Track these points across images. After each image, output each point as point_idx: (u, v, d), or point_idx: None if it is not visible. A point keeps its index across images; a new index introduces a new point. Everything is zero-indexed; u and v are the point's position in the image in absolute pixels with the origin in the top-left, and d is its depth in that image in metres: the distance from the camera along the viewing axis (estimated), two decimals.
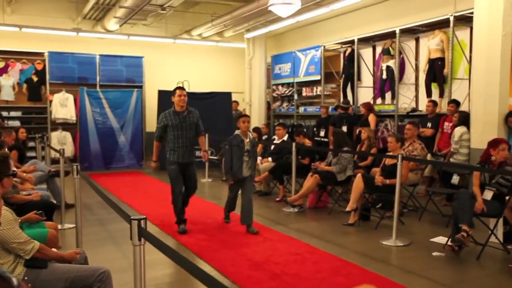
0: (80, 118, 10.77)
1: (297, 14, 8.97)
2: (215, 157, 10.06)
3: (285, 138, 7.81)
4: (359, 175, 5.84)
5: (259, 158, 8.01)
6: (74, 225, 4.66)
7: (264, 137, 9.40)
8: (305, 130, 10.04)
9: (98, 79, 11.51)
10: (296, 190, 6.66)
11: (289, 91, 11.98)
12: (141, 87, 11.73)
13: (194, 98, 10.90)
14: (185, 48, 12.83)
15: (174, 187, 5.32)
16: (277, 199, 7.25)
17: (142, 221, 2.09)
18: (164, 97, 10.89)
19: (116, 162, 11.01)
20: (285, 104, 12.29)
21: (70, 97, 10.94)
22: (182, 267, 1.89)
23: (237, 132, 5.46)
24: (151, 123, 11.39)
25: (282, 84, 12.26)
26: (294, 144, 6.79)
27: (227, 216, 5.88)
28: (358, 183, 5.68)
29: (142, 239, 2.08)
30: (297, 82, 11.56)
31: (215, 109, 11.01)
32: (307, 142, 7.53)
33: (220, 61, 13.50)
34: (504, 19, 6.07)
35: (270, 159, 7.76)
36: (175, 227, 5.39)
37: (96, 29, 11.62)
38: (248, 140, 5.40)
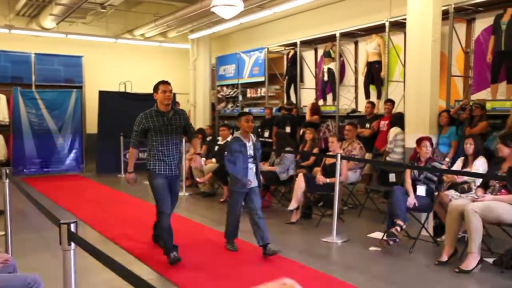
0: (13, 119, 10.20)
1: (241, 16, 9.03)
2: None
3: (229, 139, 7.80)
4: (300, 174, 5.97)
5: (202, 160, 7.97)
6: (3, 233, 4.41)
7: (209, 138, 9.37)
8: None
9: (33, 79, 10.99)
10: None
11: (234, 92, 12.02)
12: (80, 87, 11.32)
13: (137, 99, 10.71)
14: (127, 48, 12.53)
15: (163, 206, 4.19)
16: (221, 200, 7.24)
17: (72, 225, 2.02)
18: (105, 98, 10.62)
19: (54, 166, 10.56)
20: (230, 105, 12.31)
21: (3, 97, 10.34)
22: (115, 272, 1.85)
23: (236, 134, 4.55)
24: (92, 125, 11.05)
25: (227, 85, 12.28)
26: None
27: (232, 243, 4.67)
28: (299, 183, 5.80)
29: (73, 243, 2.01)
30: (241, 84, 11.63)
31: None
32: None
33: (163, 62, 13.30)
34: (433, 25, 6.42)
35: (214, 160, 7.75)
36: (118, 231, 5.24)
37: (31, 26, 11.09)
38: (250, 143, 4.48)
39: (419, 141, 5.00)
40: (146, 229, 5.48)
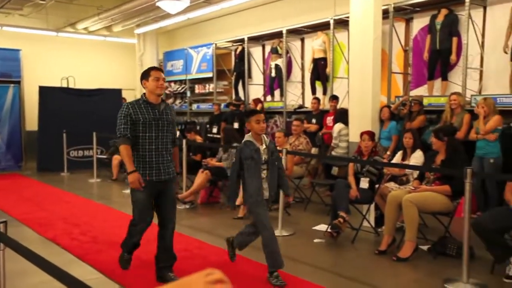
0: None
1: (188, 11, 8.95)
2: (104, 156, 9.62)
3: (177, 135, 7.74)
4: None
5: None
6: None
7: None
8: (198, 127, 10.07)
9: None
10: (188, 187, 6.65)
11: (182, 88, 11.89)
12: (19, 82, 10.77)
13: (80, 95, 10.36)
14: (69, 42, 12.06)
15: (139, 219, 3.58)
16: None
17: (0, 225, 1.93)
18: (46, 93, 10.17)
19: None
20: (178, 101, 12.17)
21: None
22: (49, 273, 1.80)
23: (247, 137, 3.71)
24: (32, 121, 10.57)
25: (175, 81, 12.13)
26: (184, 141, 6.78)
27: (234, 254, 3.98)
28: None
29: (1, 244, 1.92)
30: (189, 79, 11.52)
31: (103, 106, 10.52)
32: (198, 139, 7.55)
33: (109, 56, 12.93)
34: (374, 24, 6.66)
35: None
36: (58, 231, 5.05)
37: None
38: (264, 146, 3.68)
39: (361, 136, 5.18)
40: (89, 228, 5.34)
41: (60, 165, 9.74)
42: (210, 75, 10.82)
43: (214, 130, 9.61)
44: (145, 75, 3.58)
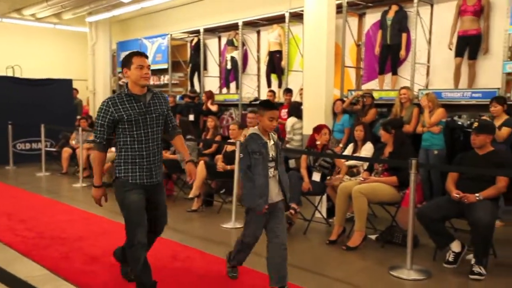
0: None
1: (141, 0, 8.75)
2: (53, 149, 9.29)
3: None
4: (201, 162, 5.98)
5: None
6: None
7: None
8: None
9: None
10: None
11: None
12: None
13: (28, 84, 9.92)
14: (15, 29, 11.52)
15: (136, 228, 3.02)
16: None
17: None
18: None
19: None
20: None
21: None
22: None
23: (253, 130, 3.26)
24: None
25: None
26: None
27: (234, 270, 3.63)
28: (200, 170, 5.80)
29: None
30: None
31: (53, 97, 10.16)
32: None
33: (59, 45, 12.46)
34: (328, 18, 6.76)
35: (113, 149, 7.43)
36: (1, 227, 4.83)
37: None
38: (272, 142, 3.23)
39: (319, 129, 5.22)
40: (35, 223, 5.15)
41: (5, 158, 9.31)
42: (165, 66, 10.64)
43: None
44: (126, 62, 3.04)
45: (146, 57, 3.07)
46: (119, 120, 2.97)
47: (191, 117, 8.68)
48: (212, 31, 9.88)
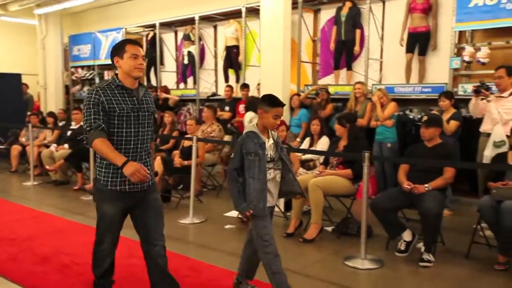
0: None
1: None
2: (2, 146, 8.89)
3: (83, 122, 7.36)
4: (158, 158, 5.89)
5: (53, 146, 7.40)
6: None
7: (62, 123, 8.67)
8: None
9: None
10: None
11: (90, 74, 11.31)
12: None
13: None
14: None
15: (103, 235, 2.82)
16: (75, 187, 6.82)
17: None
18: None
19: None
20: (86, 88, 11.54)
21: None
22: None
23: (250, 127, 3.04)
24: None
25: (82, 67, 11.48)
26: None
27: (244, 282, 3.29)
28: (157, 166, 5.71)
29: None
30: (98, 65, 10.96)
31: (1, 92, 9.70)
32: None
33: (5, 38, 11.91)
34: (284, 13, 6.80)
35: (66, 146, 7.22)
36: None
37: None
38: (272, 141, 2.98)
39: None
40: None
41: None
42: None
43: None
44: (117, 51, 2.69)
45: (141, 46, 2.77)
46: (109, 113, 2.59)
47: None
48: (168, 25, 9.73)
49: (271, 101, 2.97)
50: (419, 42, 6.47)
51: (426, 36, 6.43)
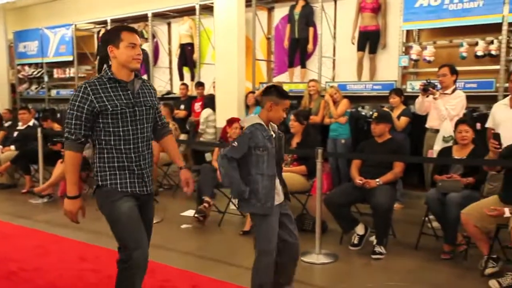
0: None
1: None
2: None
3: (31, 123, 7.11)
4: None
5: None
6: None
7: (8, 123, 8.29)
8: (58, 114, 9.34)
9: None
10: (46, 179, 6.14)
11: (38, 72, 10.88)
12: None
13: None
14: None
15: (134, 243, 2.37)
16: (23, 190, 6.54)
17: None
18: None
19: None
20: (34, 87, 11.12)
21: None
22: None
23: (256, 119, 2.77)
24: None
25: (29, 64, 11.04)
26: (40, 130, 6.22)
27: None
28: None
29: None
30: (46, 63, 10.56)
31: None
32: (56, 127, 6.97)
33: None
34: (238, 11, 6.81)
35: (13, 147, 6.92)
36: None
37: None
38: (274, 134, 2.78)
39: (231, 122, 5.26)
40: None
41: None
42: (70, 58, 10.02)
43: None
44: (112, 38, 2.38)
45: (138, 34, 2.50)
46: (100, 112, 2.32)
47: None
48: (120, 22, 9.45)
49: (281, 92, 2.78)
50: (370, 41, 6.65)
51: (376, 34, 6.62)
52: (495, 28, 5.49)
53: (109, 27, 9.25)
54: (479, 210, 3.43)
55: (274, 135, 2.76)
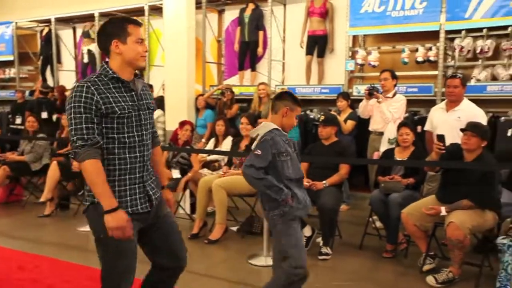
0: None
1: None
2: None
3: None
4: (54, 162, 5.54)
5: None
6: None
7: None
8: None
9: None
10: None
11: None
12: None
13: None
14: None
15: (121, 279, 2.19)
16: None
17: None
18: None
19: None
20: None
21: None
22: None
23: (270, 125, 2.64)
24: None
25: None
26: None
27: None
28: (53, 172, 5.38)
29: None
30: None
31: None
32: None
33: None
34: (187, 13, 6.75)
35: None
36: None
37: None
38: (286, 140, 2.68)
39: (182, 124, 5.20)
40: None
41: None
42: (10, 58, 9.58)
43: (18, 120, 8.56)
44: (118, 32, 2.07)
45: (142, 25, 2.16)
46: (107, 115, 2.01)
47: (44, 115, 7.94)
48: (65, 21, 9.17)
49: (295, 99, 2.71)
50: (318, 45, 6.79)
51: (324, 39, 6.76)
52: (433, 35, 5.76)
53: (53, 26, 8.92)
54: (418, 209, 3.58)
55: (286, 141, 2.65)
